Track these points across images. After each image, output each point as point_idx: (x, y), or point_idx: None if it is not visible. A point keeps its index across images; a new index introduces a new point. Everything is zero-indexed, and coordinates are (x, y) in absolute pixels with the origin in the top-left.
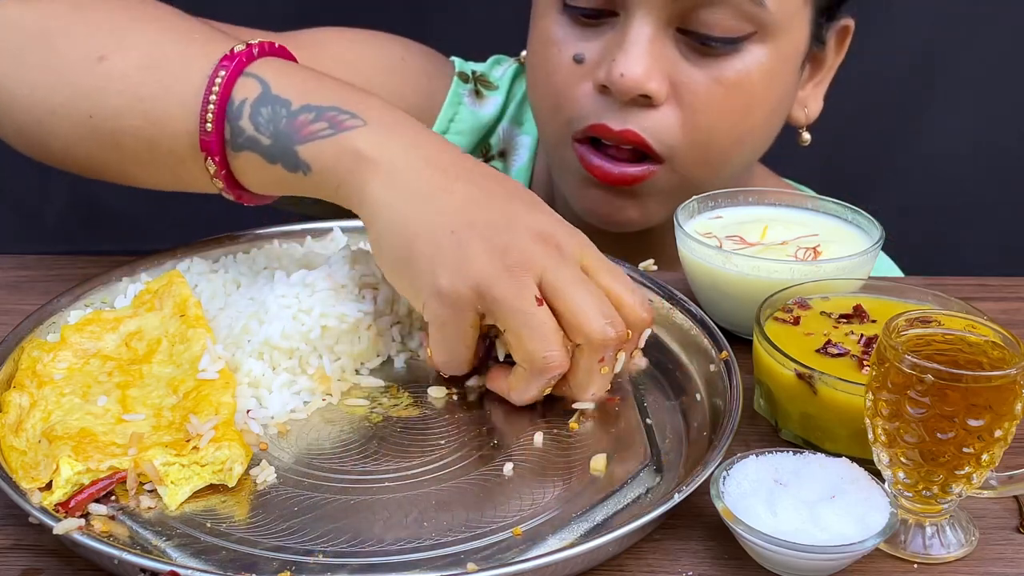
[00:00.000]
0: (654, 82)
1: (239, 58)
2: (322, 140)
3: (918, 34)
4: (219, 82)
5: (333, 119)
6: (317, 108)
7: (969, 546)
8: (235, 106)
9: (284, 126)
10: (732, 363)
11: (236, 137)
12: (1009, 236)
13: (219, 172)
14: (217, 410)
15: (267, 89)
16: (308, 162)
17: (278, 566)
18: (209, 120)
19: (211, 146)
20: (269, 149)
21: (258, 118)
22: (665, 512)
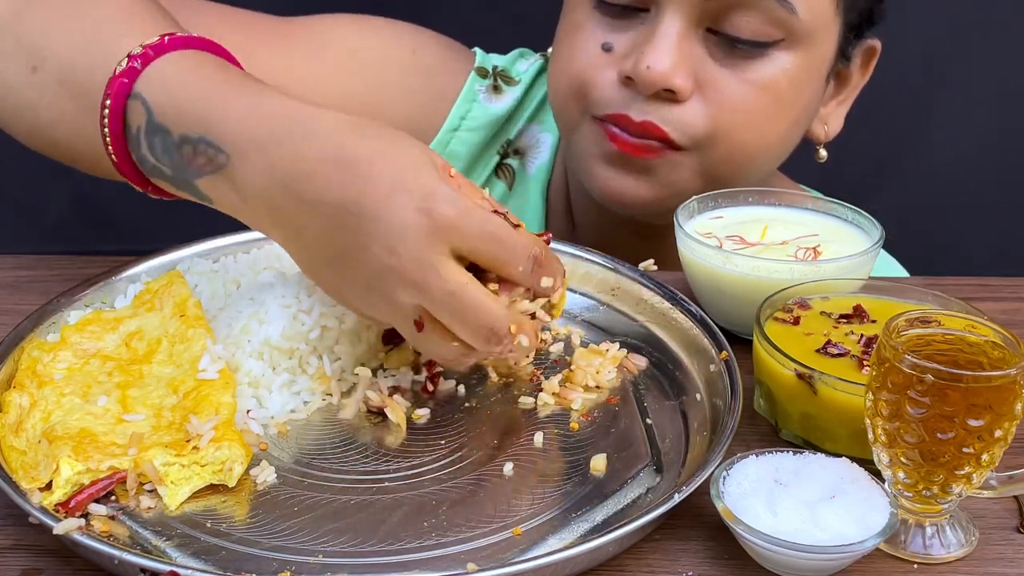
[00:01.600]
0: (679, 77)
1: (119, 81)
2: (209, 176)
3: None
4: (107, 113)
5: (206, 154)
6: (192, 140)
7: (969, 546)
8: (132, 134)
9: (176, 159)
10: (732, 363)
11: (143, 164)
12: (1009, 236)
13: (144, 188)
14: (217, 410)
15: (150, 116)
16: (208, 195)
17: (278, 566)
18: (111, 152)
19: (125, 172)
20: (173, 180)
21: (154, 149)
22: (665, 512)
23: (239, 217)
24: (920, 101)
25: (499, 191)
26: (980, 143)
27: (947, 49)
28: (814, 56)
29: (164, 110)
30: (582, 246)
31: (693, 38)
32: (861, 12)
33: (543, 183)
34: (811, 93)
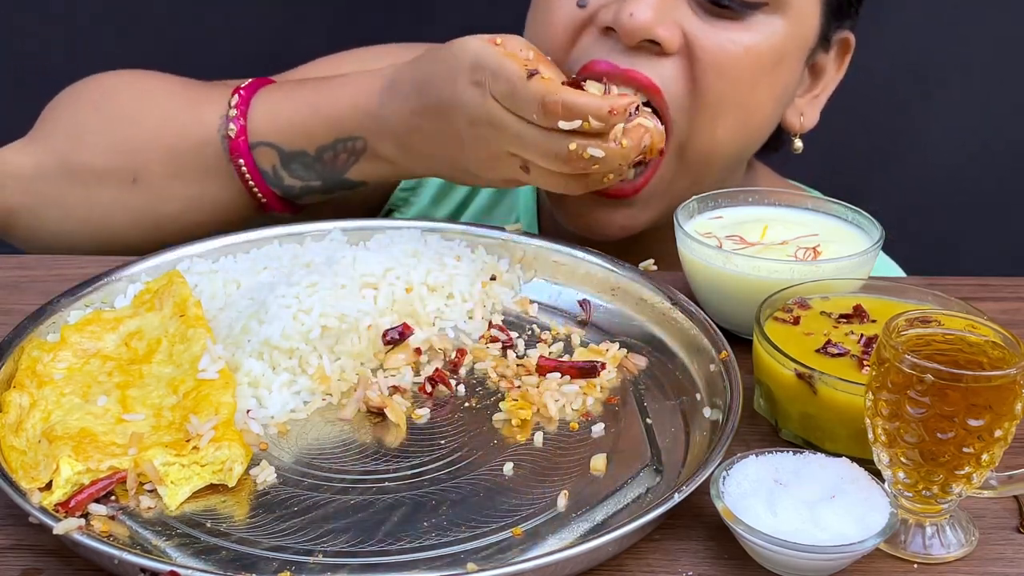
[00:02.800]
0: (664, 29)
1: (239, 140)
2: (355, 165)
3: (919, 35)
4: (245, 171)
5: (349, 149)
6: (330, 146)
7: (969, 546)
8: (270, 177)
9: (320, 169)
10: (732, 363)
11: (290, 192)
12: (1009, 236)
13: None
14: (217, 410)
15: (282, 151)
16: (361, 180)
17: (278, 566)
18: (260, 198)
19: (277, 207)
20: (324, 186)
21: (296, 173)
22: (665, 512)
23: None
24: (920, 101)
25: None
26: (980, 143)
27: (947, 49)
28: (795, 29)
29: (291, 140)
30: (582, 246)
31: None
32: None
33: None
34: (790, 71)
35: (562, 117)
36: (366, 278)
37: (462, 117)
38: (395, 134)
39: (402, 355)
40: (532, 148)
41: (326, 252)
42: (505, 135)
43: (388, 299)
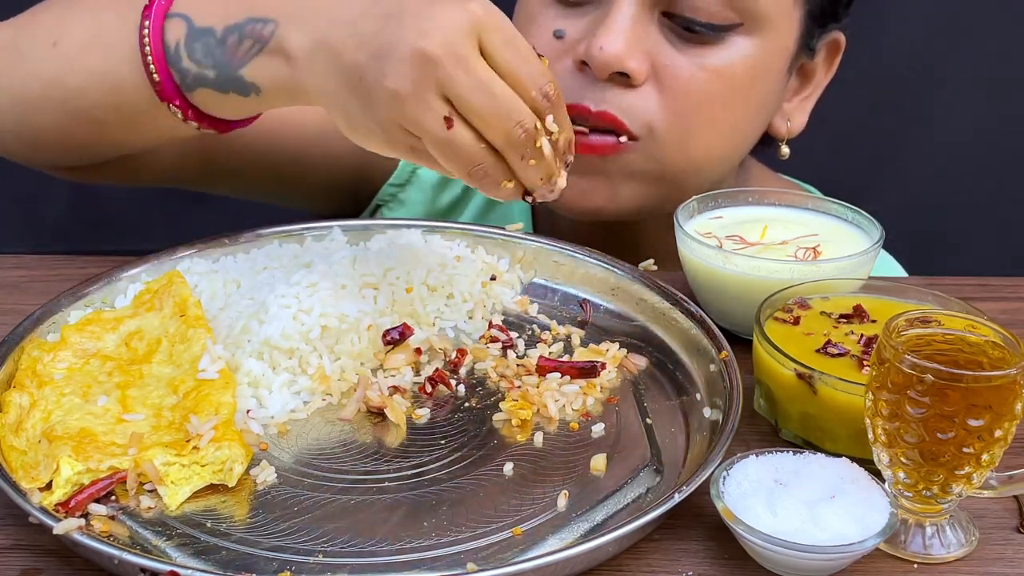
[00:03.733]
0: (633, 60)
1: (156, 3)
2: (256, 57)
3: (919, 34)
4: (147, 33)
5: (253, 32)
6: (237, 27)
7: (969, 546)
8: (171, 50)
9: (219, 56)
10: (732, 363)
11: (184, 77)
12: (1009, 236)
13: (187, 115)
14: (217, 410)
15: (191, 24)
16: (254, 82)
17: (278, 566)
18: (153, 72)
19: (167, 94)
20: (217, 81)
21: (195, 55)
22: (665, 512)
23: (288, 93)
24: (919, 101)
25: None
26: (980, 143)
27: (948, 48)
28: (773, 44)
29: (203, 14)
30: (582, 246)
31: (648, 21)
32: (822, 2)
33: None
34: (769, 84)
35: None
36: (366, 278)
37: (418, 26)
38: (315, 20)
39: (402, 355)
40: (486, 106)
41: (326, 252)
42: (457, 78)
43: (388, 299)
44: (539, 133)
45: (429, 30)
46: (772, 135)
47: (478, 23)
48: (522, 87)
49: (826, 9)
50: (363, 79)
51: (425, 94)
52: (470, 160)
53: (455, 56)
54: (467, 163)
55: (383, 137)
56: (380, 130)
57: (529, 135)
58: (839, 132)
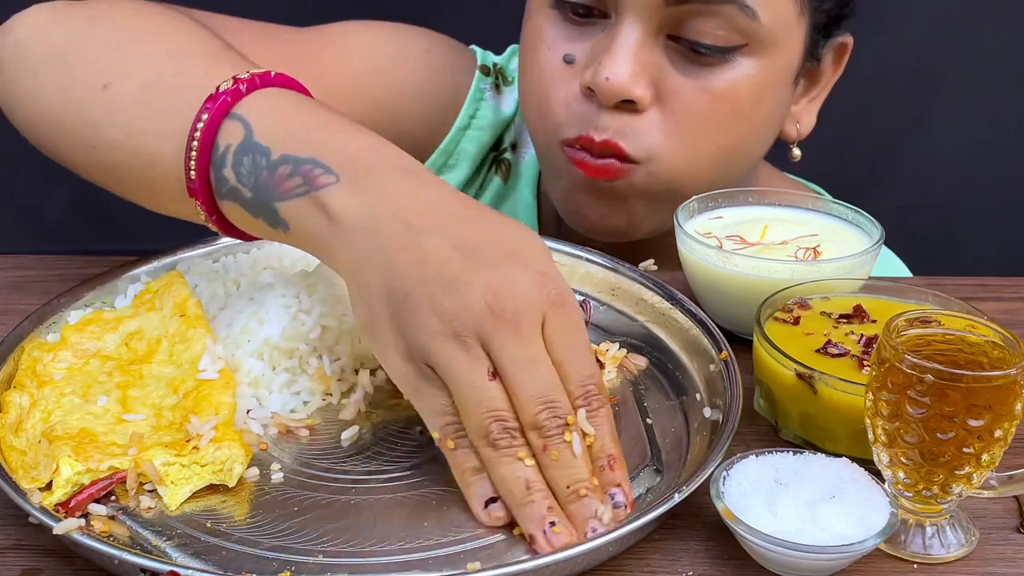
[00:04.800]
0: (639, 88)
1: (223, 98)
2: (299, 198)
3: (919, 34)
4: (200, 127)
5: (308, 174)
6: (295, 160)
7: (969, 546)
8: (219, 153)
9: (264, 179)
10: (732, 363)
11: (220, 186)
12: (1009, 236)
13: (209, 217)
14: (217, 410)
15: (249, 134)
16: (287, 220)
17: (278, 566)
18: (192, 168)
19: (197, 193)
20: (251, 202)
21: (240, 168)
22: (665, 512)
23: (314, 244)
24: (920, 100)
25: (495, 185)
26: (980, 143)
27: (948, 49)
28: (777, 61)
29: (266, 131)
30: (582, 246)
31: (653, 46)
32: (828, 12)
33: (533, 178)
34: (775, 100)
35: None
36: None
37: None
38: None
39: None
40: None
41: None
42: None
43: None
44: (568, 428)
45: (502, 288)
46: (782, 138)
47: (554, 301)
48: (567, 377)
49: (831, 20)
50: (408, 295)
51: (472, 342)
52: (491, 412)
53: (517, 325)
54: (487, 414)
55: (397, 348)
56: (397, 341)
57: (557, 422)
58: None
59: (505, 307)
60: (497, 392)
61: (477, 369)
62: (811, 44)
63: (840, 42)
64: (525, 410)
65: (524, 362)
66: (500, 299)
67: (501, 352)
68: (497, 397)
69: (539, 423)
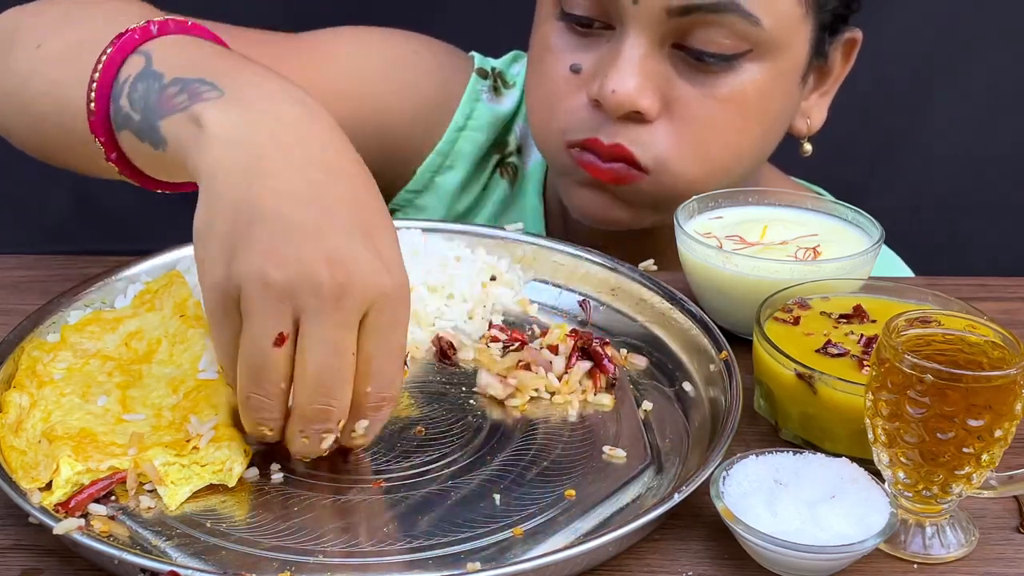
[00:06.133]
0: (646, 99)
1: (129, 34)
2: (179, 113)
3: (920, 34)
4: (104, 59)
5: (193, 90)
6: (184, 80)
7: (969, 546)
8: (118, 84)
9: (153, 101)
10: (732, 363)
11: (116, 116)
12: (1009, 236)
13: (108, 154)
14: (217, 410)
15: (148, 63)
16: (165, 137)
17: (278, 566)
18: (92, 100)
19: (96, 126)
20: (139, 125)
21: (134, 94)
22: (665, 512)
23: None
24: (920, 100)
25: (501, 189)
26: (980, 143)
27: (948, 49)
28: (784, 64)
29: (166, 60)
30: (582, 246)
31: (659, 56)
32: (834, 11)
33: (539, 182)
34: (783, 101)
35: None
36: None
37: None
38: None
39: None
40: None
41: None
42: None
43: None
44: (334, 430)
45: (343, 259)
46: (792, 134)
47: (383, 293)
48: (368, 378)
49: (836, 18)
50: (251, 224)
51: (285, 299)
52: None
53: (340, 302)
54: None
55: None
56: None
57: (324, 426)
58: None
59: (336, 279)
60: (280, 360)
61: (270, 329)
62: (818, 43)
63: (848, 38)
64: (301, 395)
65: (329, 345)
66: (334, 269)
67: (310, 325)
68: (277, 365)
69: (307, 416)
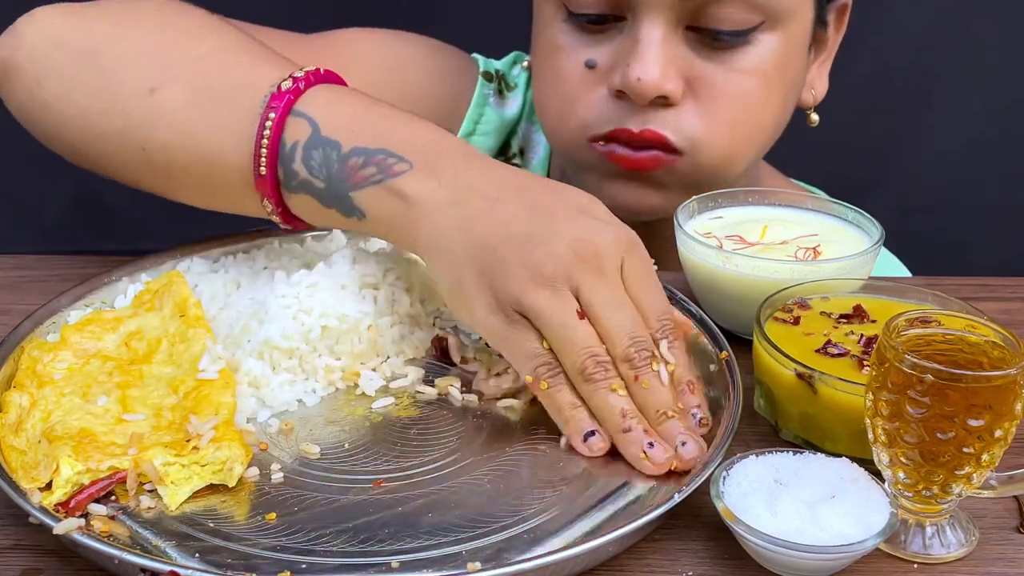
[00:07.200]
0: (671, 83)
1: (287, 96)
2: (374, 186)
3: (919, 33)
4: (270, 125)
5: (381, 164)
6: (366, 151)
7: (969, 546)
8: (287, 149)
9: (336, 171)
10: (732, 363)
11: (290, 180)
12: (1009, 236)
13: (276, 210)
14: (217, 410)
15: (316, 130)
16: (362, 208)
17: (278, 566)
18: (263, 164)
19: (266, 188)
20: (323, 193)
21: (310, 161)
22: (665, 512)
23: (390, 228)
24: (920, 100)
25: None
26: (980, 143)
27: (948, 48)
28: (794, 32)
29: (333, 126)
30: None
31: (675, 39)
32: None
33: None
34: (796, 68)
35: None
36: (366, 278)
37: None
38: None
39: None
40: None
41: (326, 252)
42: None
43: (388, 299)
44: (655, 359)
45: (583, 237)
46: (800, 106)
47: (628, 246)
48: (646, 315)
49: None
50: (496, 251)
51: (561, 285)
52: (586, 348)
53: (601, 267)
54: (582, 351)
55: (485, 302)
56: (486, 296)
57: (645, 355)
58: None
59: (589, 253)
60: (588, 330)
61: (568, 310)
62: (819, 10)
63: (841, 4)
64: (616, 345)
65: (612, 302)
66: (583, 246)
67: (590, 294)
68: (589, 334)
69: (630, 356)
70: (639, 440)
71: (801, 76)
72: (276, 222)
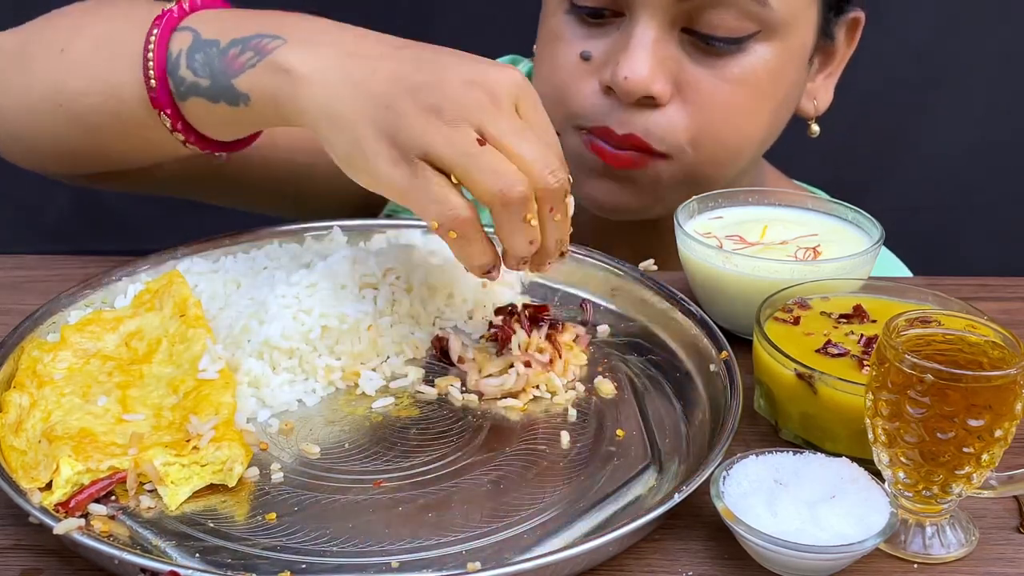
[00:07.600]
0: (658, 84)
1: (168, 15)
2: (252, 69)
3: (919, 34)
4: (153, 39)
5: (257, 45)
6: (242, 40)
7: (969, 546)
8: (172, 58)
9: (218, 65)
10: (732, 363)
11: (179, 86)
12: (1009, 236)
13: (175, 124)
14: (217, 410)
15: (198, 36)
16: (246, 92)
17: (278, 566)
18: (152, 77)
19: (160, 100)
20: (210, 89)
21: (194, 64)
22: (665, 512)
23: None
24: (920, 101)
25: None
26: (980, 143)
27: (948, 49)
28: (791, 44)
29: (212, 29)
30: (582, 246)
31: (669, 41)
32: None
33: None
34: (791, 80)
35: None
36: (366, 278)
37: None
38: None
39: None
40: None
41: (326, 252)
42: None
43: (388, 299)
44: (564, 190)
45: (476, 78)
46: (800, 115)
47: (520, 86)
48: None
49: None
50: (391, 105)
51: (460, 121)
52: (502, 176)
53: (498, 103)
54: (498, 180)
55: (388, 156)
56: (387, 150)
57: (564, 185)
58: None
59: (483, 90)
60: (495, 154)
61: (471, 140)
62: (823, 23)
63: (852, 18)
64: (534, 173)
65: (516, 133)
66: (477, 86)
67: (493, 128)
68: (497, 158)
69: (549, 185)
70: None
71: (798, 89)
72: (183, 142)
